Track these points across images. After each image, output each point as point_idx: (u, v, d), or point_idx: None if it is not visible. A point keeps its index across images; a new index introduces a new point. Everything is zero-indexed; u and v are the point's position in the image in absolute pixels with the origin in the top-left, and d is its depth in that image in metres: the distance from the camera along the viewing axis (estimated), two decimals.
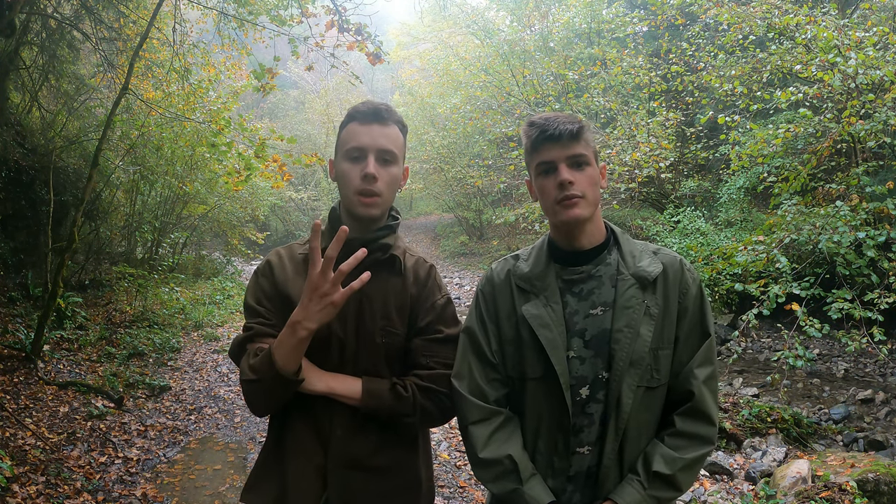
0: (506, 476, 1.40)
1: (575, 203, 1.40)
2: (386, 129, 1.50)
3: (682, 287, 1.44)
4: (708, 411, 1.40)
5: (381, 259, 1.53)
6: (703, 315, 1.45)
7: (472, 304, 1.56)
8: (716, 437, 1.42)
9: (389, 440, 1.53)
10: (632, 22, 10.74)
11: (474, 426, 1.44)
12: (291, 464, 1.50)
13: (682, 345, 1.43)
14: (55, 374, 5.86)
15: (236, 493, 4.20)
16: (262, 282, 1.56)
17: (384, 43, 6.83)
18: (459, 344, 1.52)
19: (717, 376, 1.46)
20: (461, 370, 1.49)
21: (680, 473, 1.36)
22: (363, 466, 1.50)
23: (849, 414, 5.52)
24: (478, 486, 4.22)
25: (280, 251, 1.61)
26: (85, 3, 7.37)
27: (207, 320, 9.45)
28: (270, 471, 1.54)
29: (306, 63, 7.19)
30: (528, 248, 1.55)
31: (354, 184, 1.48)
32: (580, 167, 1.41)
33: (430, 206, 25.38)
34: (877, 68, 5.42)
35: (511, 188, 14.14)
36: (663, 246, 3.44)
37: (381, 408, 1.46)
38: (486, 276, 1.56)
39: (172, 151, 9.36)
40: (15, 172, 6.95)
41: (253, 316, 1.53)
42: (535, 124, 1.43)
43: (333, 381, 1.47)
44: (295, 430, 1.51)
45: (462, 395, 1.46)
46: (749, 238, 6.07)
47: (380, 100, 1.63)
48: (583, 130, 1.41)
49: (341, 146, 1.53)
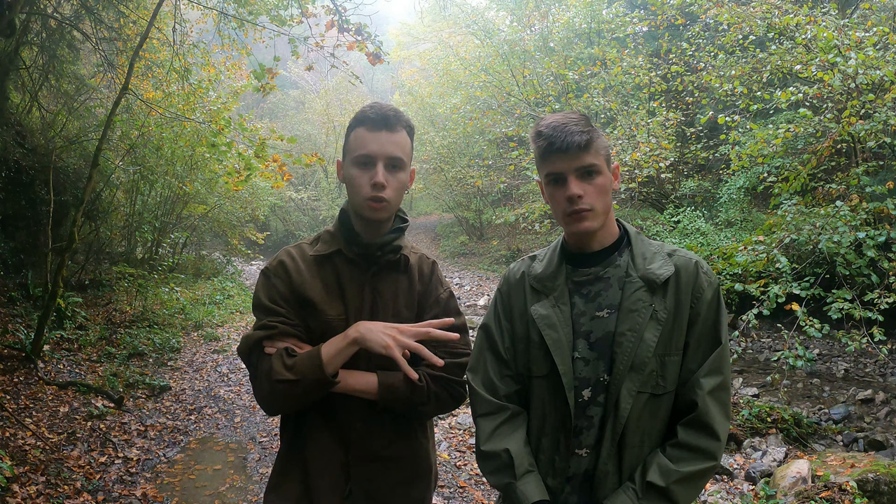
0: (502, 470, 1.42)
1: (584, 217, 1.39)
2: (394, 135, 1.53)
3: (696, 291, 1.39)
4: (712, 424, 1.33)
5: (392, 260, 1.60)
6: (716, 321, 1.39)
7: (491, 302, 1.60)
8: (720, 452, 1.34)
9: (402, 430, 1.60)
10: (632, 22, 10.75)
11: (481, 419, 1.48)
12: (313, 461, 1.55)
13: (691, 352, 1.39)
14: (55, 374, 5.86)
15: (236, 493, 4.20)
16: (276, 283, 1.56)
17: (384, 43, 6.83)
18: (476, 339, 1.57)
19: (728, 387, 1.39)
20: (476, 365, 1.54)
21: (675, 486, 1.31)
22: (381, 457, 1.56)
23: (849, 414, 5.52)
24: (478, 486, 4.22)
25: (291, 252, 1.61)
26: (85, 3, 7.37)
27: (207, 320, 9.45)
28: (292, 469, 1.58)
29: (306, 63, 7.20)
30: (545, 249, 1.57)
31: (364, 191, 1.52)
32: (590, 177, 1.39)
33: (430, 206, 25.37)
34: (877, 68, 5.42)
35: (511, 188, 14.17)
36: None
37: (398, 400, 1.51)
38: (504, 276, 1.60)
39: (172, 151, 9.35)
40: (15, 172, 6.95)
41: (271, 315, 1.53)
42: (543, 135, 1.40)
43: (351, 378, 1.51)
44: (313, 427, 1.56)
45: (475, 388, 1.51)
46: (749, 238, 6.07)
47: (382, 101, 1.67)
48: (592, 140, 1.38)
49: (350, 151, 1.55)
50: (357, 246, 1.57)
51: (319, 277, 1.57)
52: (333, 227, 1.63)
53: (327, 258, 1.58)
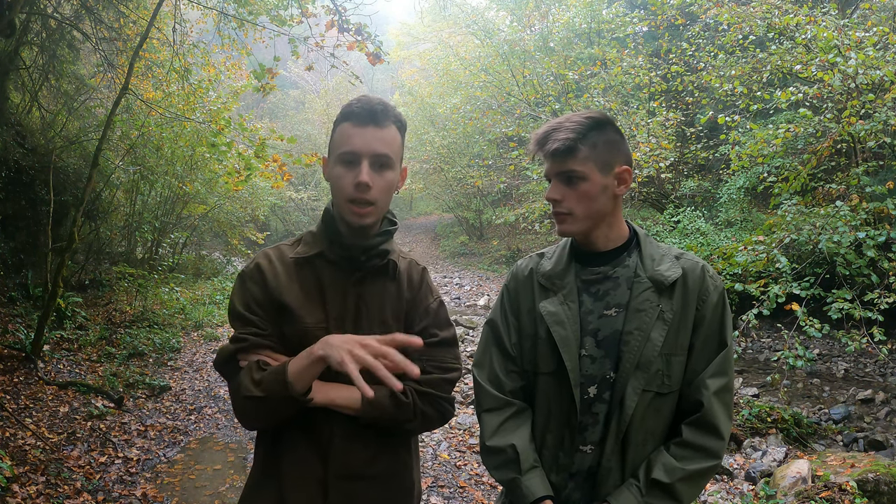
0: (507, 465, 1.43)
1: (562, 220, 1.43)
2: (382, 131, 1.41)
3: (702, 294, 1.42)
4: (716, 424, 1.36)
5: (379, 265, 1.49)
6: (722, 325, 1.42)
7: (497, 298, 1.61)
8: (723, 451, 1.39)
9: (385, 446, 1.49)
10: (632, 22, 10.75)
11: (487, 413, 1.49)
12: (289, 476, 1.45)
13: (696, 353, 1.41)
14: (55, 374, 5.86)
15: (236, 493, 4.20)
16: (251, 287, 1.45)
17: (384, 43, 6.83)
18: (482, 335, 1.57)
19: (732, 389, 1.43)
20: (482, 360, 1.54)
21: (679, 484, 1.34)
22: (362, 475, 1.46)
23: (849, 414, 5.52)
24: (478, 486, 4.22)
25: (269, 254, 1.51)
26: (85, 3, 7.38)
27: (207, 320, 9.45)
28: (266, 483, 1.48)
29: (306, 63, 7.19)
30: (554, 247, 1.58)
31: (347, 191, 1.40)
32: (571, 183, 1.41)
33: (430, 206, 25.38)
34: (877, 68, 5.42)
35: (511, 188, 14.16)
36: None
37: (382, 417, 1.41)
38: (511, 272, 1.61)
39: (172, 151, 9.36)
40: (15, 172, 6.95)
41: (244, 325, 1.43)
42: (534, 138, 1.46)
43: (333, 391, 1.40)
44: (291, 440, 1.46)
45: (480, 383, 1.52)
46: (749, 238, 6.07)
47: (376, 96, 1.53)
48: (576, 146, 1.38)
49: (334, 147, 1.44)
50: (340, 248, 1.46)
51: (298, 281, 1.46)
52: (317, 227, 1.52)
53: (308, 261, 1.47)
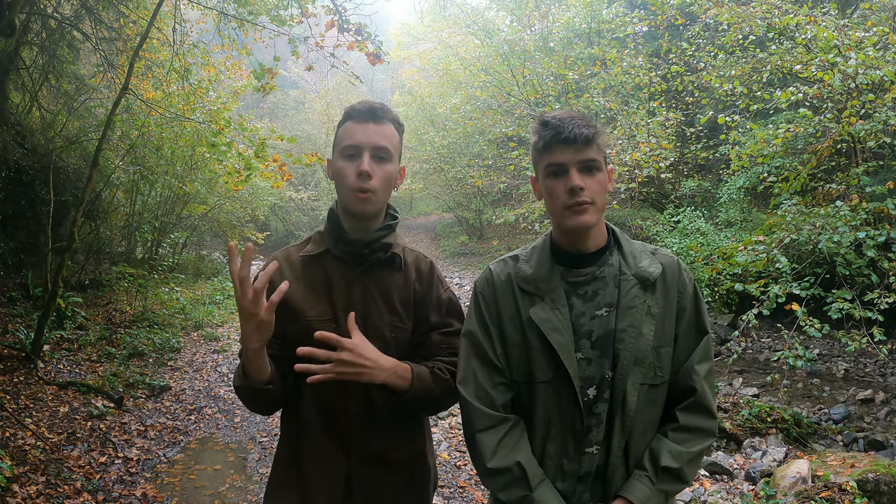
0: (515, 483, 1.38)
1: (585, 209, 1.38)
2: (381, 127, 1.52)
3: (680, 287, 1.48)
4: (709, 405, 1.45)
5: (383, 258, 1.57)
6: (699, 313, 1.49)
7: (470, 306, 1.52)
8: (717, 429, 1.48)
9: (403, 433, 1.59)
10: (632, 22, 10.73)
11: (482, 434, 1.41)
12: (312, 467, 1.54)
13: (681, 342, 1.47)
14: (55, 374, 5.86)
15: (236, 492, 4.20)
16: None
17: (384, 43, 6.82)
18: (461, 348, 1.49)
19: (715, 371, 1.52)
20: (466, 376, 1.46)
21: (686, 466, 1.41)
22: (382, 462, 1.56)
23: (849, 414, 5.52)
24: (478, 486, 4.22)
25: (278, 257, 1.61)
26: (85, 3, 7.37)
27: (207, 320, 9.45)
28: (290, 474, 1.58)
29: (306, 63, 7.18)
30: (527, 249, 1.53)
31: (349, 181, 1.50)
32: (591, 172, 1.40)
33: (430, 206, 25.35)
34: (877, 68, 5.41)
35: (511, 188, 14.13)
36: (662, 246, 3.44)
37: (427, 390, 1.50)
38: (484, 278, 1.52)
39: (172, 151, 9.35)
40: (15, 172, 6.95)
41: None
42: (549, 124, 1.40)
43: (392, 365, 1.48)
44: (312, 431, 1.55)
45: (468, 401, 1.43)
46: (749, 238, 6.07)
47: (378, 99, 1.66)
48: (597, 136, 1.40)
49: (338, 144, 1.55)
50: (344, 244, 1.55)
51: (304, 279, 1.56)
52: (324, 227, 1.63)
53: (316, 258, 1.58)
